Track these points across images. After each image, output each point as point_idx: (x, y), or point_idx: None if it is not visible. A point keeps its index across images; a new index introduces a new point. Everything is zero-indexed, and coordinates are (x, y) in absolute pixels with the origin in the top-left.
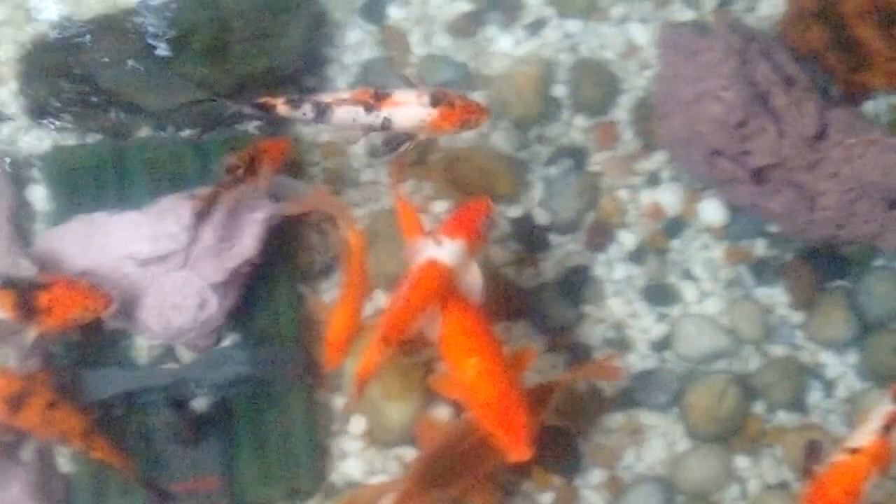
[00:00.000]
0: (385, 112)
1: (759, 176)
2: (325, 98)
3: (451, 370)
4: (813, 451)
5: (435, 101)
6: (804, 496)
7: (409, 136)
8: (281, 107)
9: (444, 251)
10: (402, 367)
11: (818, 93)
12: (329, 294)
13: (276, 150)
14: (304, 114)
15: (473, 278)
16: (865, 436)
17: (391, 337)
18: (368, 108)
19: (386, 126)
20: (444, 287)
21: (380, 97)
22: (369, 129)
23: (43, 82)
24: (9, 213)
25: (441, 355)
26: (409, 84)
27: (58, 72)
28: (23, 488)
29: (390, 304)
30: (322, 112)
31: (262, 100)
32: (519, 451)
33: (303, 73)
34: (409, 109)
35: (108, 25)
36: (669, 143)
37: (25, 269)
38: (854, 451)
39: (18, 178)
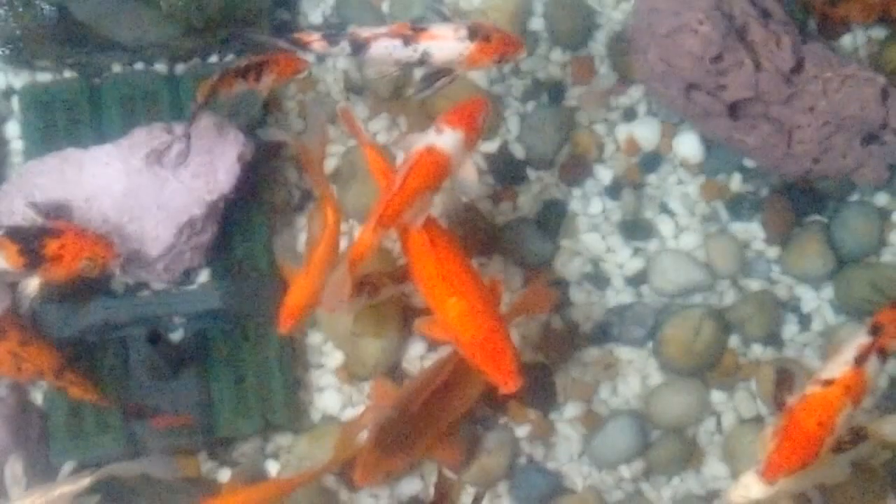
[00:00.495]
0: (423, 46)
1: (735, 110)
2: (363, 33)
3: (433, 311)
4: (784, 381)
5: (472, 35)
6: (777, 427)
7: (445, 71)
8: (317, 43)
9: (444, 139)
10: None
11: (795, 26)
12: (303, 232)
13: (288, 64)
14: (342, 49)
15: (468, 173)
16: (839, 367)
17: (387, 218)
18: (406, 42)
19: (423, 60)
20: (441, 174)
21: (417, 31)
22: (406, 63)
23: (16, 15)
24: None
25: (421, 296)
26: (443, 17)
27: (30, 4)
28: (1, 424)
29: (387, 188)
30: (359, 47)
31: (297, 35)
32: (510, 384)
33: (275, 7)
34: (446, 43)
35: None
36: (646, 78)
37: (30, 218)
38: (827, 382)
39: None
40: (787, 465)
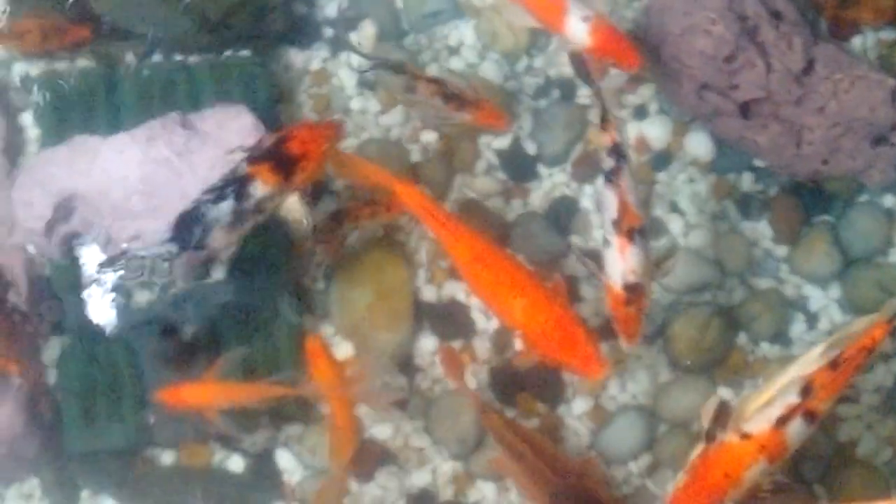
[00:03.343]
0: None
1: (746, 110)
2: None
3: (501, 319)
4: (722, 415)
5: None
6: (693, 461)
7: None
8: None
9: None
10: (390, 294)
11: (806, 28)
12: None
13: (490, 115)
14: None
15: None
16: (762, 422)
17: None
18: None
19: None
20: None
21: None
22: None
23: (32, 5)
24: (2, 145)
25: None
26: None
27: None
28: (13, 409)
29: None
30: None
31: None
32: (595, 370)
33: (292, 1)
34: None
35: None
36: (658, 76)
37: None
38: (745, 435)
39: (8, 105)
40: None
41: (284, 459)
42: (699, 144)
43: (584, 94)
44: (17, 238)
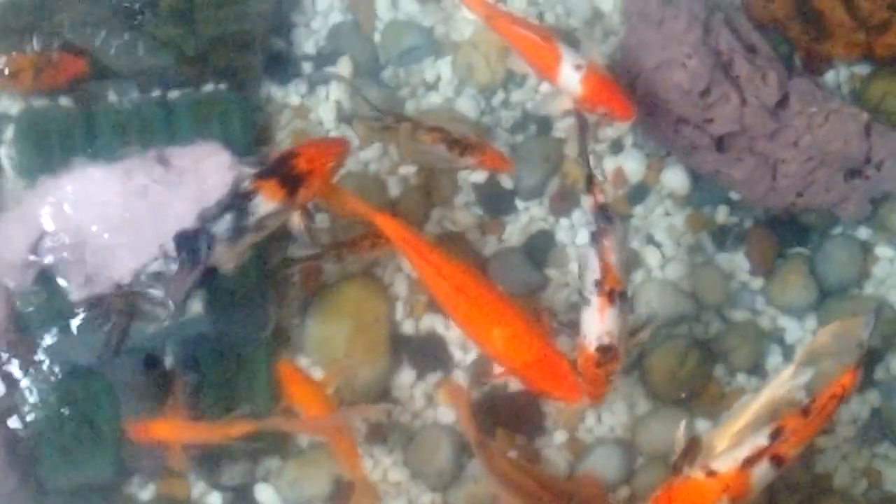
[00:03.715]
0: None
1: (721, 144)
2: None
3: (480, 346)
4: (691, 449)
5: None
6: (659, 490)
7: None
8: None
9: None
10: (367, 327)
11: (780, 62)
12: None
13: (494, 160)
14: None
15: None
16: (728, 462)
17: None
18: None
19: None
20: None
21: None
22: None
23: (11, 42)
24: None
25: (464, 334)
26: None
27: (28, 32)
28: None
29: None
30: None
31: None
32: (573, 396)
33: (270, 37)
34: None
35: None
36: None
37: (245, 174)
38: (711, 473)
39: None
40: None
41: (264, 494)
42: (675, 178)
43: (560, 128)
44: None
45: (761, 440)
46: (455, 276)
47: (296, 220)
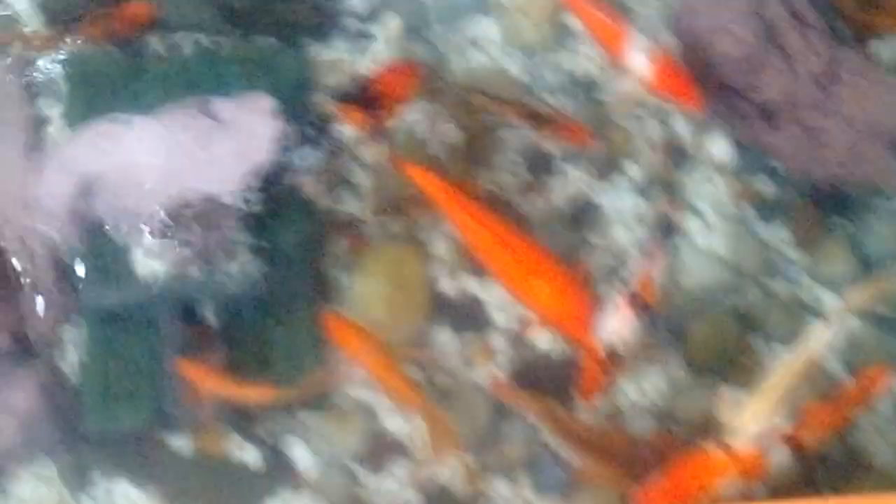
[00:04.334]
0: None
1: (767, 112)
2: None
3: (518, 299)
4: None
5: None
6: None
7: None
8: None
9: None
10: (407, 287)
11: (829, 32)
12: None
13: (575, 133)
14: None
15: None
16: (744, 439)
17: None
18: None
19: None
20: None
21: None
22: None
23: None
24: (23, 123)
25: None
26: None
27: None
28: (32, 391)
29: None
30: None
31: None
32: None
33: None
34: None
35: None
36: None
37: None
38: (727, 448)
39: (31, 85)
40: None
41: (298, 449)
42: (719, 146)
43: (606, 93)
44: (35, 219)
45: (781, 422)
46: (495, 229)
47: (373, 148)
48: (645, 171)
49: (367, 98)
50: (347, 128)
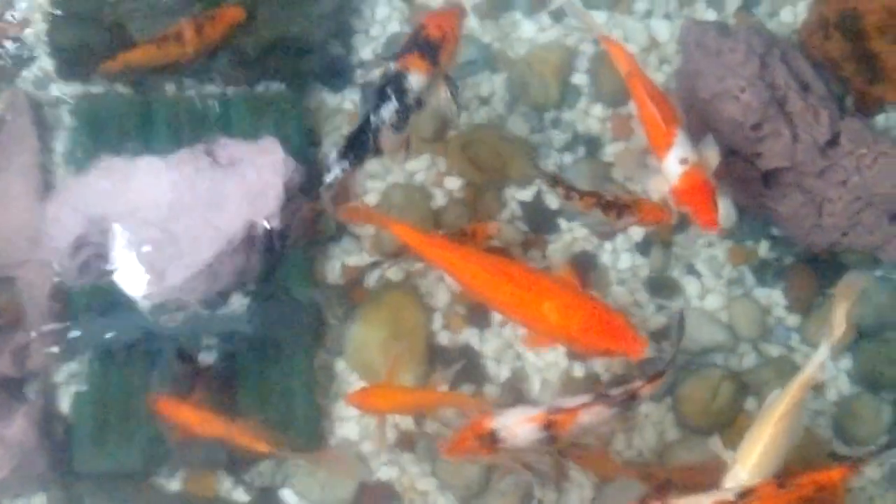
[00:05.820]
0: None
1: (769, 178)
2: None
3: (529, 325)
4: (663, 491)
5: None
6: None
7: None
8: None
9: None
10: (404, 336)
11: (833, 102)
12: (336, 260)
13: (653, 213)
14: None
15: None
16: None
17: None
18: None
19: None
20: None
21: None
22: None
23: (73, 28)
24: (35, 158)
25: (513, 319)
26: None
27: (89, 19)
28: (26, 424)
29: None
30: None
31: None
32: (637, 349)
33: (330, 41)
34: None
35: None
36: None
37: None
38: None
39: (43, 122)
40: None
41: (289, 495)
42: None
43: (609, 153)
44: (42, 255)
45: (727, 496)
46: (493, 263)
47: (442, 94)
48: (645, 231)
49: (423, 44)
50: (416, 76)
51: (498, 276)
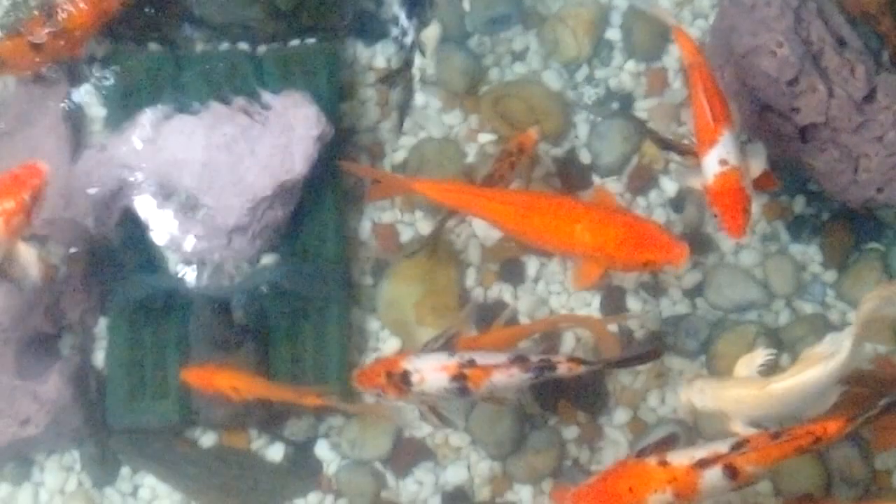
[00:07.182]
0: None
1: (805, 134)
2: None
3: (570, 253)
4: (665, 444)
5: None
6: (611, 466)
7: None
8: None
9: None
10: (437, 292)
11: (869, 56)
12: (367, 219)
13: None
14: None
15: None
16: (682, 457)
17: None
18: None
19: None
20: None
21: None
22: None
23: None
24: (67, 119)
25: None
26: None
27: None
28: (60, 381)
29: None
30: None
31: None
32: (679, 252)
33: None
34: None
35: None
36: None
37: None
38: (662, 462)
39: (75, 79)
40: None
41: (324, 450)
42: (755, 165)
43: (642, 108)
44: (73, 211)
45: (721, 447)
46: (521, 197)
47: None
48: (679, 186)
49: None
50: None
51: (527, 209)
